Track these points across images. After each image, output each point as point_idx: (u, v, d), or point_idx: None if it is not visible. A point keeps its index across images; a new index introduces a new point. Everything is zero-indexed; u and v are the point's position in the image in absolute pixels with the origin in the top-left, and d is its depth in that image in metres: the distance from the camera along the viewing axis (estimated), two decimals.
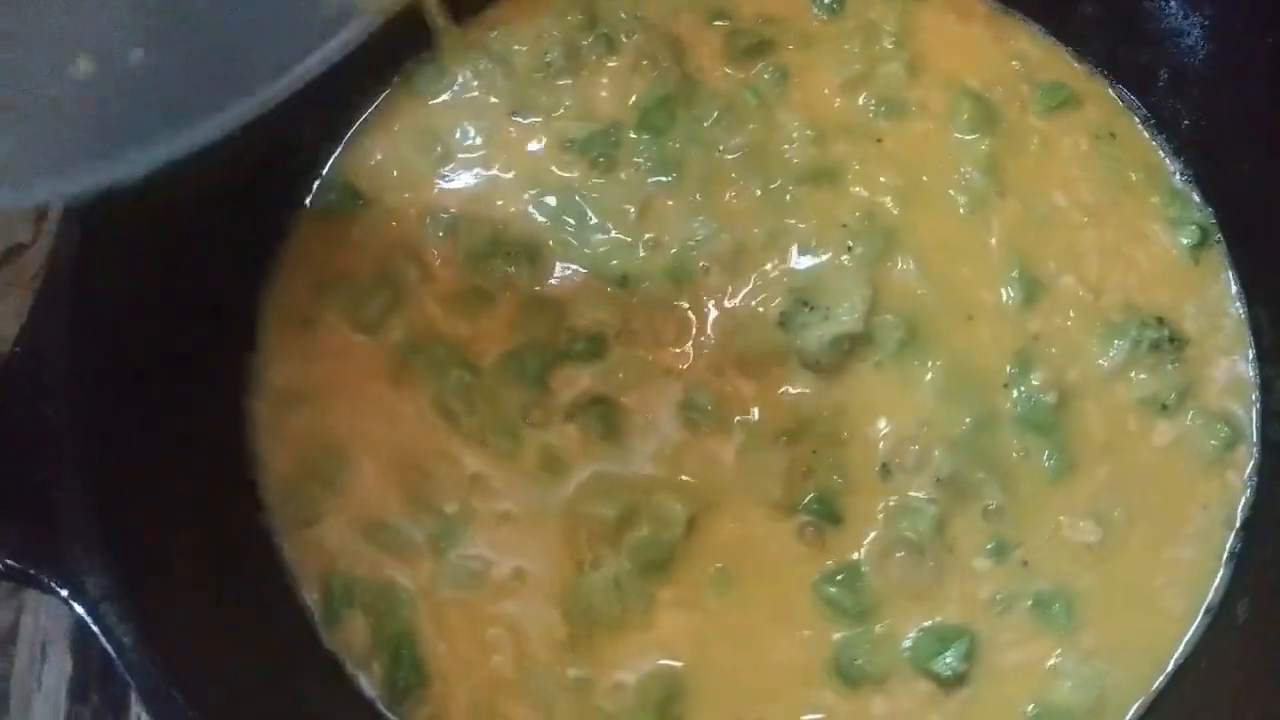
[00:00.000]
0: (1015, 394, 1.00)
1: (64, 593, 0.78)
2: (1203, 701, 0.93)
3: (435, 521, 0.98)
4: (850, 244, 1.04)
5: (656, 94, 1.12)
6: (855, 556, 0.96)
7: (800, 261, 1.04)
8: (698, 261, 1.04)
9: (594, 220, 1.07)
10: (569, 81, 1.14)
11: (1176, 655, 0.96)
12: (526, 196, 1.10)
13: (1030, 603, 0.96)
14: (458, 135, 1.14)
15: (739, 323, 1.02)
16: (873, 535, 0.96)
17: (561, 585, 0.96)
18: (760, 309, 1.02)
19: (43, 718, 1.06)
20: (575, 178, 1.09)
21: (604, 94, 1.14)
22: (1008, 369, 1.01)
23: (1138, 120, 1.13)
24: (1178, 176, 1.11)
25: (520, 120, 1.14)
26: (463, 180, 1.12)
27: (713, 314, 1.03)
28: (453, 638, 0.96)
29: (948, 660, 0.93)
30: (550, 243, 1.07)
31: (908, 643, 0.94)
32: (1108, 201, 1.07)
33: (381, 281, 1.07)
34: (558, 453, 0.99)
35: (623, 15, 1.17)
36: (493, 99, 1.15)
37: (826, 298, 1.01)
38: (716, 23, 1.16)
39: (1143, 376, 1.02)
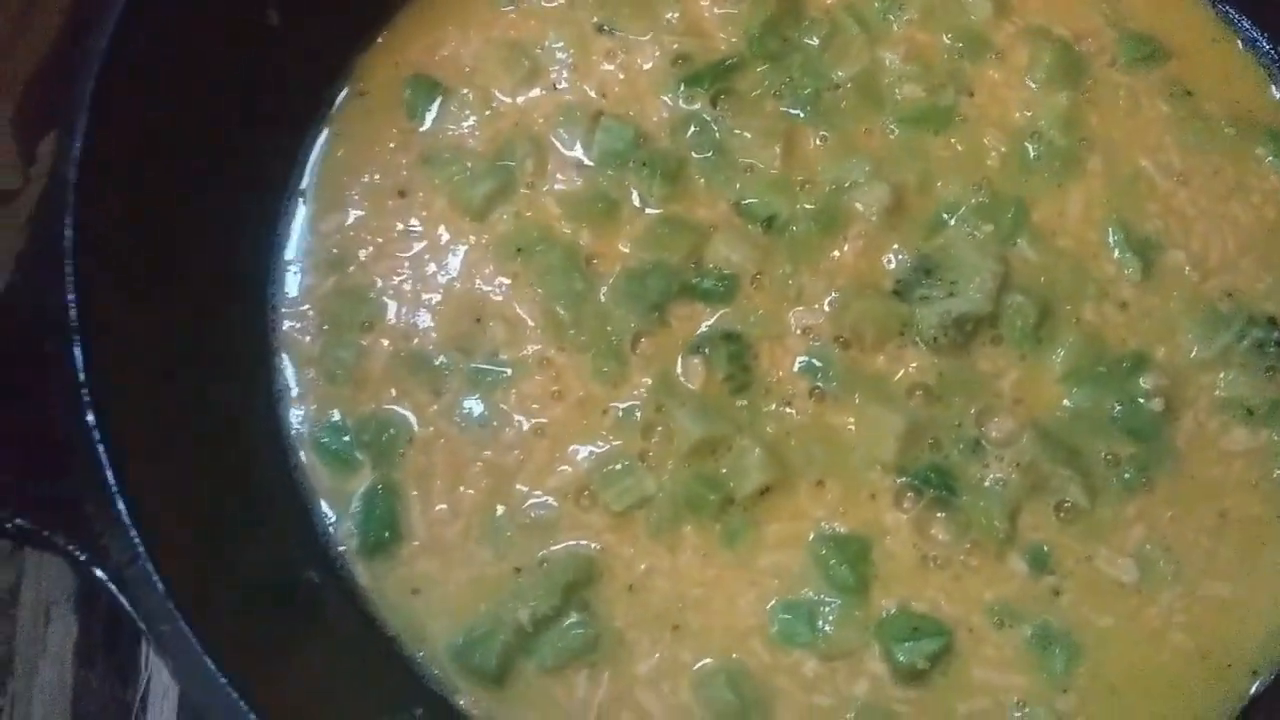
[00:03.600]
0: (1121, 393, 0.97)
1: (83, 557, 0.74)
2: None
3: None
4: (978, 203, 1.02)
5: (760, 16, 1.09)
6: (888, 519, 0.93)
7: (942, 222, 1.02)
8: (854, 206, 1.02)
9: (736, 155, 1.03)
10: None
11: None
12: (657, 120, 1.05)
13: (1031, 632, 0.92)
14: (544, 49, 1.08)
15: (859, 285, 1.00)
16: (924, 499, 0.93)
17: (596, 461, 0.94)
18: (881, 271, 1.00)
19: (50, 682, 1.02)
20: (699, 109, 1.05)
21: (706, 14, 1.10)
22: (1123, 364, 0.98)
23: (1246, 51, 1.10)
24: None
25: (610, 37, 1.08)
26: (567, 93, 1.07)
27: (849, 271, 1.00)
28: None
29: (911, 649, 0.89)
30: (693, 165, 1.03)
31: (883, 614, 0.91)
32: (1198, 160, 1.06)
33: (494, 166, 1.03)
34: (674, 380, 0.97)
35: None
36: (579, 11, 1.09)
37: (950, 270, 0.99)
38: None
39: (1233, 377, 0.98)
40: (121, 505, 0.72)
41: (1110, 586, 0.93)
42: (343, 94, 1.08)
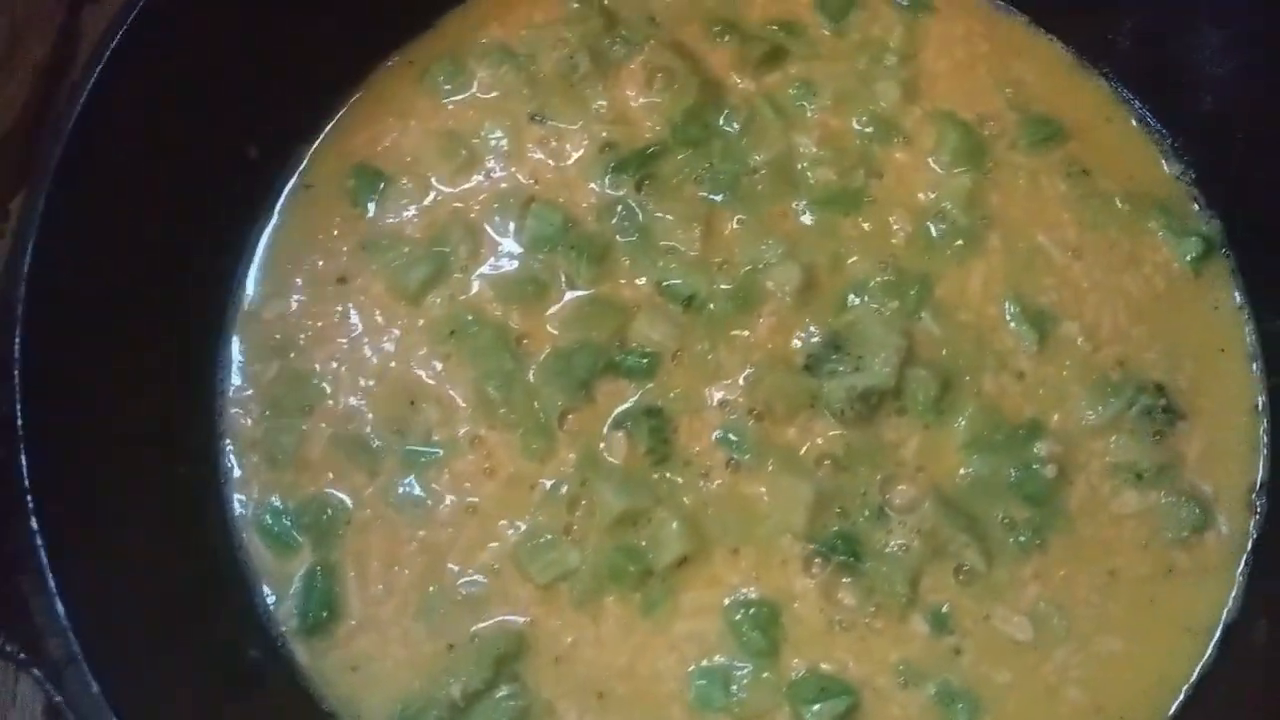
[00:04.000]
0: (1017, 460, 1.02)
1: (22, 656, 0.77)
2: None
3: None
4: (884, 280, 1.08)
5: (682, 104, 1.16)
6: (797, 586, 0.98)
7: (850, 299, 1.08)
8: (767, 286, 1.08)
9: (659, 237, 1.10)
10: (598, 87, 1.16)
11: None
12: (585, 205, 1.12)
13: (935, 690, 0.96)
14: (480, 139, 1.15)
15: (772, 361, 1.05)
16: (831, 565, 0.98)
17: (523, 535, 0.98)
18: (792, 348, 1.06)
19: None
20: (624, 194, 1.12)
21: (633, 103, 1.16)
22: (1020, 432, 1.03)
23: (1139, 128, 1.17)
24: (1181, 185, 1.14)
25: (541, 126, 1.15)
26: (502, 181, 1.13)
27: (763, 348, 1.06)
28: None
29: (820, 710, 0.94)
30: (618, 247, 1.10)
31: (793, 676, 0.96)
32: (1094, 236, 1.12)
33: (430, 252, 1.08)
34: (597, 455, 1.02)
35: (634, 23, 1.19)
36: (513, 103, 1.16)
37: (857, 345, 1.05)
38: (723, 33, 1.20)
39: (1123, 441, 1.04)
40: (60, 607, 0.77)
41: (1007, 644, 0.99)
42: (290, 183, 1.15)
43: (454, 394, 1.05)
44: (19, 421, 0.81)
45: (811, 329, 1.08)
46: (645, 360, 1.06)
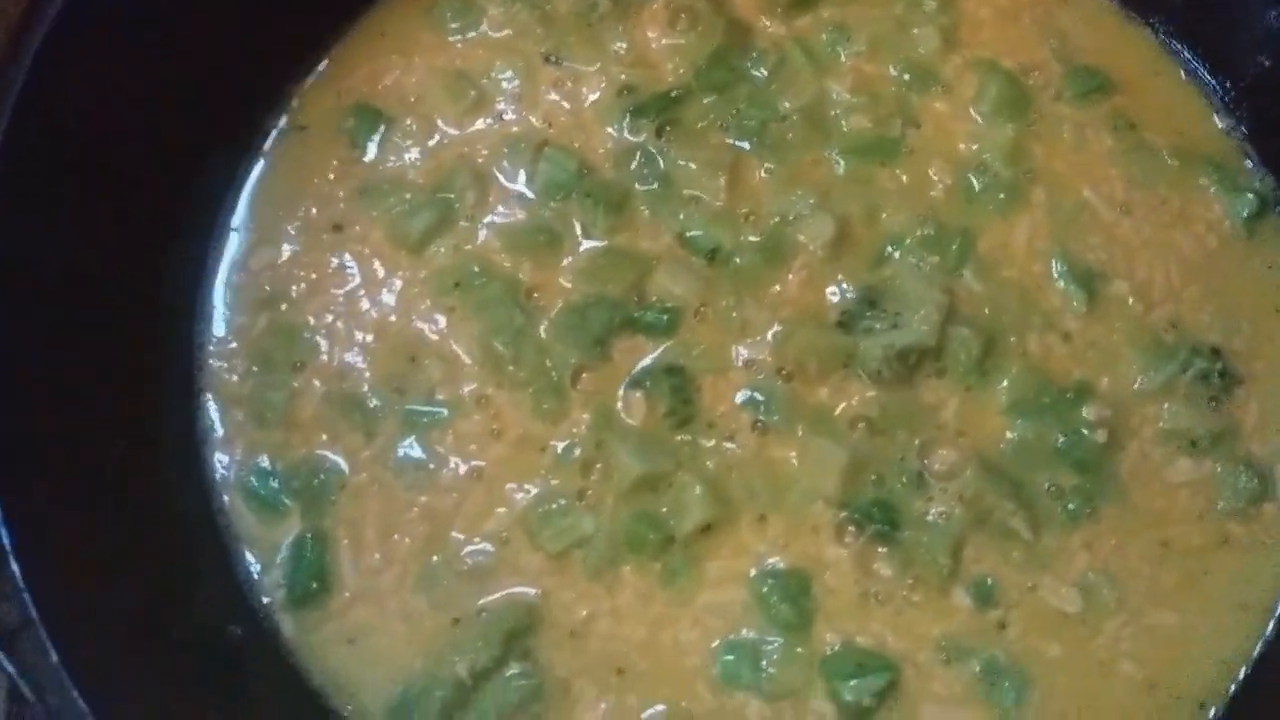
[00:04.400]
0: (1065, 424, 0.96)
1: None
2: None
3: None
4: (924, 234, 1.01)
5: (707, 47, 1.08)
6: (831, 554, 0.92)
7: (887, 253, 1.01)
8: (797, 239, 1.00)
9: (681, 186, 1.02)
10: (617, 28, 1.08)
11: None
12: (602, 151, 1.04)
13: (980, 667, 0.91)
14: (490, 79, 1.07)
15: (803, 317, 0.98)
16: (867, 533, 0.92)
17: (534, 500, 0.92)
18: (825, 304, 0.99)
19: None
20: (644, 140, 1.04)
21: (654, 45, 1.09)
22: (1067, 396, 0.97)
23: (1189, 82, 1.10)
24: (1233, 141, 1.08)
25: (556, 68, 1.08)
26: (513, 124, 1.06)
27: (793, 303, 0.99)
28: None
29: (857, 687, 0.88)
30: (638, 196, 1.02)
31: (827, 650, 0.90)
32: (1143, 192, 1.06)
33: (433, 199, 1.01)
34: (614, 416, 0.95)
35: None
36: (526, 42, 1.08)
37: (895, 301, 0.98)
38: None
39: (1177, 408, 0.98)
40: (14, 566, 0.69)
41: (1055, 617, 0.92)
42: (280, 124, 1.07)
43: (458, 350, 0.97)
44: None
45: (845, 284, 1.00)
46: (666, 316, 0.98)
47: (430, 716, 0.86)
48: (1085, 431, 0.97)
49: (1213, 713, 0.93)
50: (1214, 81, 1.11)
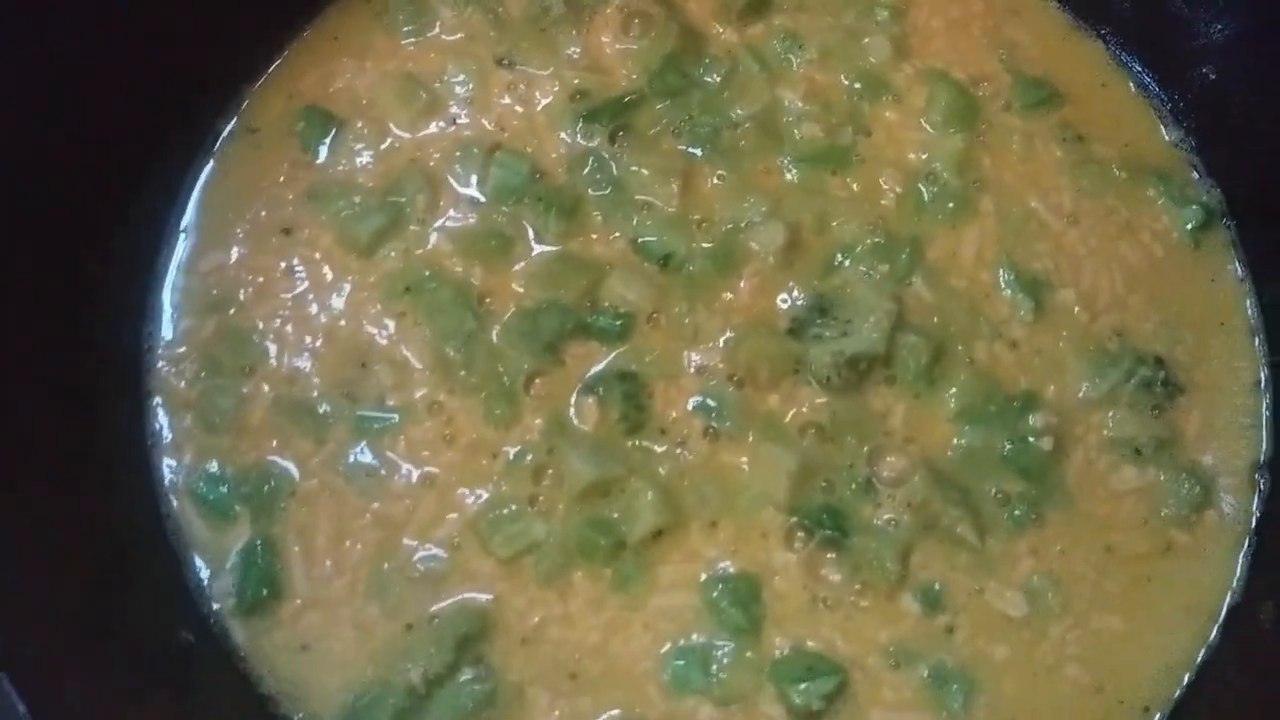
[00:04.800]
0: (1011, 432, 0.97)
1: None
2: None
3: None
4: (874, 243, 1.02)
5: (660, 52, 1.09)
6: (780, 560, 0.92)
7: (837, 261, 1.01)
8: (749, 245, 1.01)
9: (634, 192, 1.02)
10: (571, 32, 1.08)
11: None
12: (555, 156, 1.04)
13: (928, 672, 0.91)
14: (443, 83, 1.07)
15: (754, 324, 0.99)
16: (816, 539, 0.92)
17: (485, 506, 0.91)
18: (776, 311, 0.99)
19: None
20: (597, 145, 1.04)
21: (607, 50, 1.09)
22: (1014, 403, 0.98)
23: (1138, 94, 1.12)
24: (1180, 153, 1.10)
25: (509, 71, 1.07)
26: (465, 128, 1.05)
27: (745, 310, 0.99)
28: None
29: (806, 690, 0.89)
30: (590, 201, 1.02)
31: (776, 654, 0.91)
32: (1090, 203, 1.07)
33: (384, 202, 1.00)
34: (566, 421, 0.95)
35: None
36: (479, 46, 1.08)
37: (845, 309, 0.98)
38: None
39: (1121, 415, 1.00)
40: None
41: (1001, 621, 0.93)
42: (231, 125, 1.06)
43: (409, 355, 0.97)
44: None
45: (796, 291, 1.01)
46: (619, 322, 0.99)
47: None
48: (1031, 439, 0.98)
49: (1157, 717, 0.94)
50: (1162, 93, 1.13)
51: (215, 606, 0.90)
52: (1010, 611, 0.93)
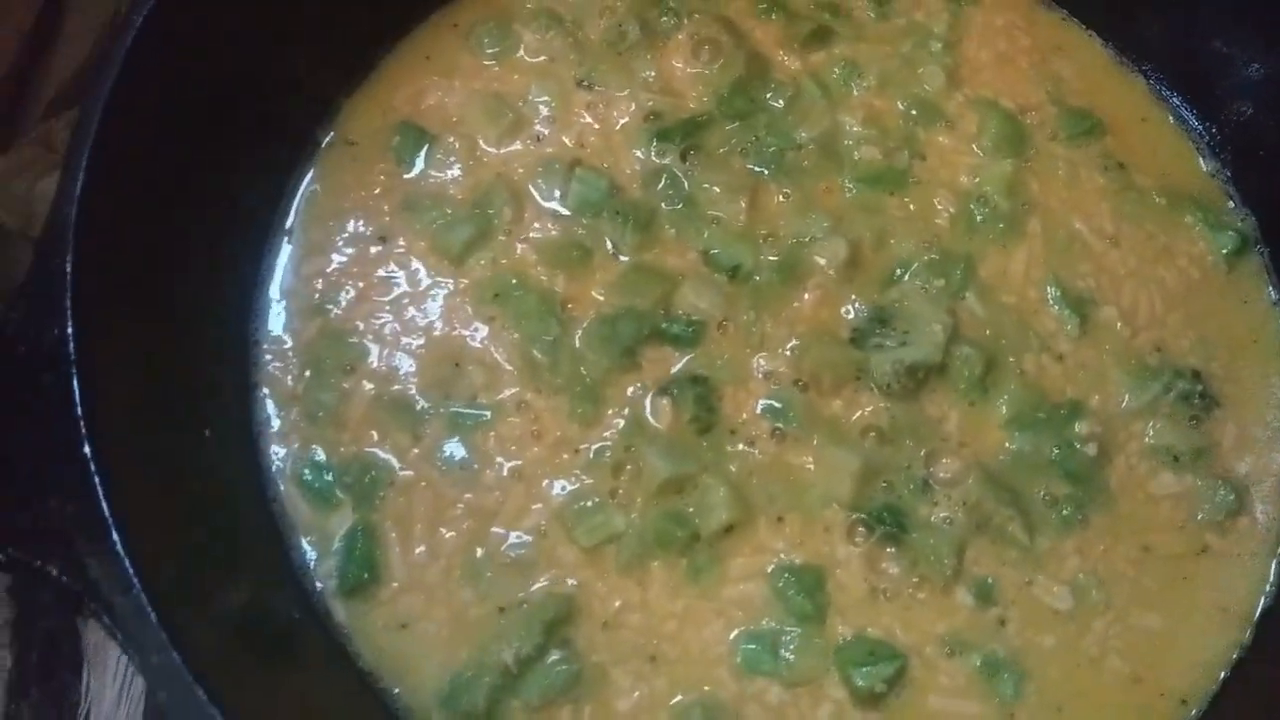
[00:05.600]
0: (1058, 438, 1.04)
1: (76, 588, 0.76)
2: None
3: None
4: (929, 259, 1.09)
5: (729, 77, 1.16)
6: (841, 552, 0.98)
7: (895, 276, 1.09)
8: (812, 260, 1.08)
9: (704, 207, 1.09)
10: (646, 56, 1.16)
11: None
12: (630, 172, 1.11)
13: (980, 661, 0.97)
14: (527, 102, 1.14)
15: (818, 333, 1.05)
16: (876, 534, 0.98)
17: (569, 498, 0.97)
18: (838, 321, 1.06)
19: None
20: (669, 163, 1.11)
21: (679, 74, 1.16)
22: (1061, 412, 1.05)
23: (1176, 126, 1.20)
24: (1216, 183, 1.18)
25: (589, 92, 1.14)
26: (547, 145, 1.12)
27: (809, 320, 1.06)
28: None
29: (869, 673, 0.94)
30: (664, 216, 1.09)
31: (840, 640, 0.96)
32: (1131, 227, 1.14)
33: (473, 214, 1.07)
34: (643, 421, 1.01)
35: None
36: (560, 68, 1.16)
37: (904, 321, 1.05)
38: (770, 10, 1.20)
39: (1161, 425, 1.06)
40: (116, 537, 0.74)
41: (1049, 614, 1.00)
42: (329, 137, 1.12)
43: (499, 357, 1.03)
44: (71, 348, 0.78)
45: (857, 303, 1.08)
46: (691, 328, 1.05)
47: (479, 700, 0.91)
48: (1077, 445, 1.05)
49: (1194, 711, 1.00)
50: (1200, 126, 1.21)
51: (319, 586, 0.96)
52: (1057, 605, 0.99)
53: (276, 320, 1.04)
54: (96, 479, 0.76)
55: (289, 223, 1.08)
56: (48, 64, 1.27)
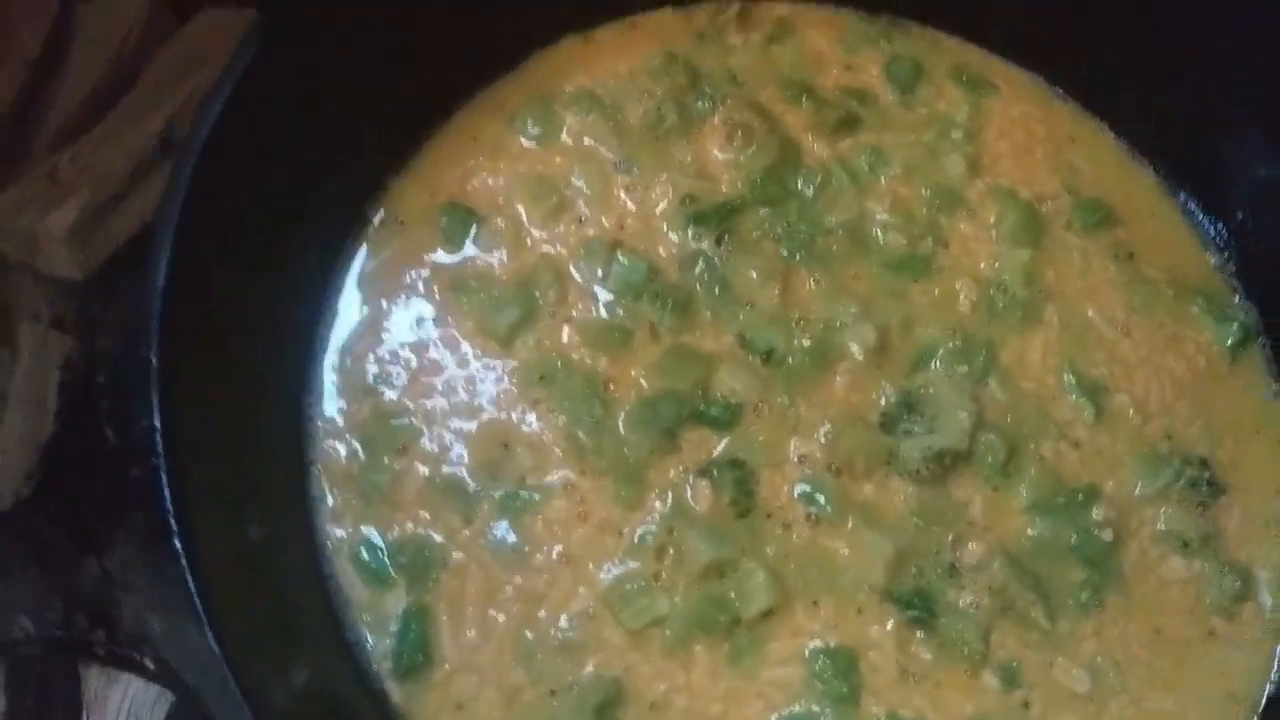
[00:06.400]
0: (1076, 523, 1.09)
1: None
2: None
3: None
4: (954, 346, 1.14)
5: (761, 163, 1.20)
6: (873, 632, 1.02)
7: (921, 362, 1.13)
8: (843, 345, 1.12)
9: (739, 291, 1.14)
10: (682, 141, 1.20)
11: None
12: (666, 255, 1.15)
13: None
14: (569, 185, 1.18)
15: (850, 417, 1.10)
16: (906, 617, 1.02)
17: (615, 581, 1.00)
18: (869, 406, 1.10)
19: None
20: (704, 247, 1.15)
21: (714, 159, 1.20)
22: (1078, 497, 1.10)
23: (1184, 219, 1.25)
24: (1221, 276, 1.23)
25: (627, 175, 1.18)
26: (589, 227, 1.16)
27: (840, 404, 1.11)
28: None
29: None
30: (700, 299, 1.13)
31: None
32: (1141, 316, 1.20)
33: (519, 295, 1.11)
34: (685, 503, 1.04)
35: (717, 80, 1.24)
36: (601, 151, 1.19)
37: (931, 406, 1.10)
38: (799, 97, 1.25)
39: (1171, 511, 1.10)
40: (210, 634, 0.77)
41: (1069, 696, 1.04)
42: (379, 215, 1.15)
43: (546, 439, 1.07)
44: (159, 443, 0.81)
45: (886, 388, 1.12)
46: (728, 411, 1.09)
47: None
48: (1094, 530, 1.10)
49: None
50: (1207, 221, 1.27)
51: (375, 669, 0.98)
52: (1076, 688, 1.04)
53: (331, 400, 1.07)
54: (189, 576, 0.78)
55: (341, 300, 1.11)
56: (54, 93, 1.27)
